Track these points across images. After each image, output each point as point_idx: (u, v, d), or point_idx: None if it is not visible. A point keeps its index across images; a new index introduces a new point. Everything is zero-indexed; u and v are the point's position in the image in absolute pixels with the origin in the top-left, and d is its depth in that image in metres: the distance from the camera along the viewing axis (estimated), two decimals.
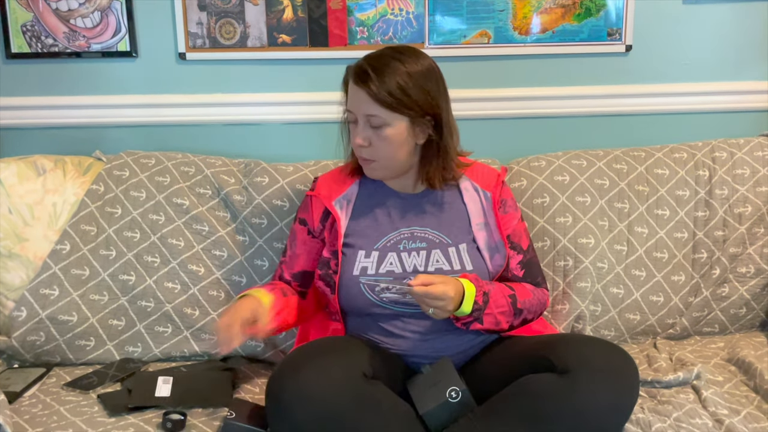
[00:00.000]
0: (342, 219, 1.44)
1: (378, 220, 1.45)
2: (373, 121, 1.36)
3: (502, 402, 1.25)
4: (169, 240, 1.67)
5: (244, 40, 1.83)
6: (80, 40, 1.82)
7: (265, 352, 1.66)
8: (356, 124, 1.38)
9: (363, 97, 1.35)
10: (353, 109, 1.38)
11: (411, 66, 1.36)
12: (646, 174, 1.77)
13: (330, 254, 1.44)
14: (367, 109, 1.35)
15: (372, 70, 1.34)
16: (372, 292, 1.39)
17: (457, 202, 1.47)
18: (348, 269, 1.41)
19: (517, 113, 1.91)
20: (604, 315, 1.70)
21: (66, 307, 1.60)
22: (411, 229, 1.44)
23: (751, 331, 1.77)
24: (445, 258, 1.41)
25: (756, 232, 1.76)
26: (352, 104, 1.38)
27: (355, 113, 1.38)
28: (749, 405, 1.39)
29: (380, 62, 1.36)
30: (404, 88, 1.34)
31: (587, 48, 1.88)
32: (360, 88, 1.35)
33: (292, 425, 1.19)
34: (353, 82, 1.37)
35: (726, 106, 1.94)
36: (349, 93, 1.39)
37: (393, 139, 1.36)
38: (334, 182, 1.50)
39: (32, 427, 1.31)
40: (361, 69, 1.36)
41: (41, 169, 1.70)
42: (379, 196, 1.47)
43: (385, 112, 1.34)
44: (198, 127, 1.88)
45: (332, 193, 1.47)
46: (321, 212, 1.48)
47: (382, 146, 1.37)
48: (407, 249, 1.42)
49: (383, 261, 1.41)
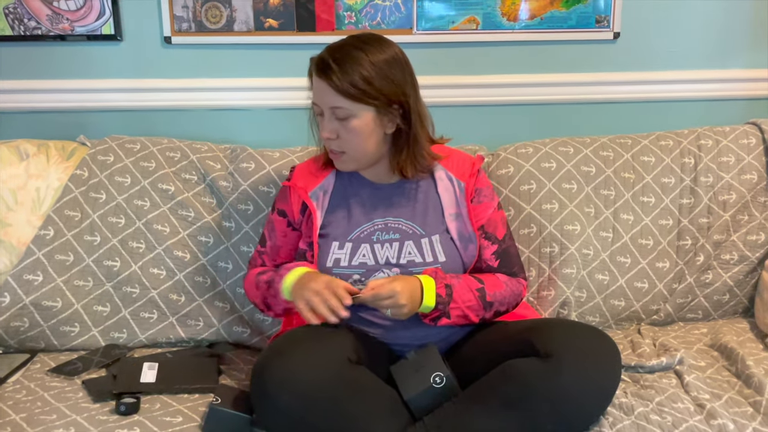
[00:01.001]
0: (318, 211, 1.43)
1: (352, 211, 1.44)
2: (339, 113, 1.33)
3: (486, 386, 1.26)
4: (155, 226, 1.66)
5: (231, 24, 1.82)
6: (64, 23, 1.80)
7: (250, 338, 1.66)
8: (323, 117, 1.36)
9: (326, 90, 1.32)
10: (318, 101, 1.36)
11: (374, 55, 1.32)
12: (632, 161, 1.77)
13: (306, 246, 1.44)
14: (331, 101, 1.33)
15: (333, 61, 1.31)
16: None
17: (431, 192, 1.46)
18: (322, 260, 1.41)
19: (505, 100, 1.91)
20: (590, 301, 1.71)
21: (50, 293, 1.59)
22: (385, 220, 1.43)
23: (734, 317, 1.79)
24: (417, 250, 1.41)
25: (740, 220, 1.77)
26: (316, 97, 1.36)
27: (320, 106, 1.36)
28: (731, 390, 1.40)
29: (342, 53, 1.32)
30: (367, 78, 1.31)
31: (575, 35, 1.88)
32: (322, 80, 1.32)
33: (277, 410, 1.19)
34: (316, 74, 1.34)
35: (712, 94, 1.95)
36: (314, 85, 1.36)
37: (360, 130, 1.34)
38: (310, 173, 1.48)
39: (16, 413, 1.30)
40: (322, 61, 1.33)
41: (24, 154, 1.68)
42: (354, 187, 1.46)
43: (350, 103, 1.32)
44: (184, 112, 1.86)
45: (308, 184, 1.46)
46: (300, 204, 1.47)
47: (350, 138, 1.35)
48: (380, 240, 1.41)
49: (356, 252, 1.40)
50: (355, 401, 1.21)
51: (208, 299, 1.66)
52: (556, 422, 1.24)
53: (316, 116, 1.41)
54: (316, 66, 1.34)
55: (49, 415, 1.29)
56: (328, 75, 1.31)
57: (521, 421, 1.23)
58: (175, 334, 1.64)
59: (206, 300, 1.65)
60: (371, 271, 1.39)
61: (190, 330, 1.64)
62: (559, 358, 1.22)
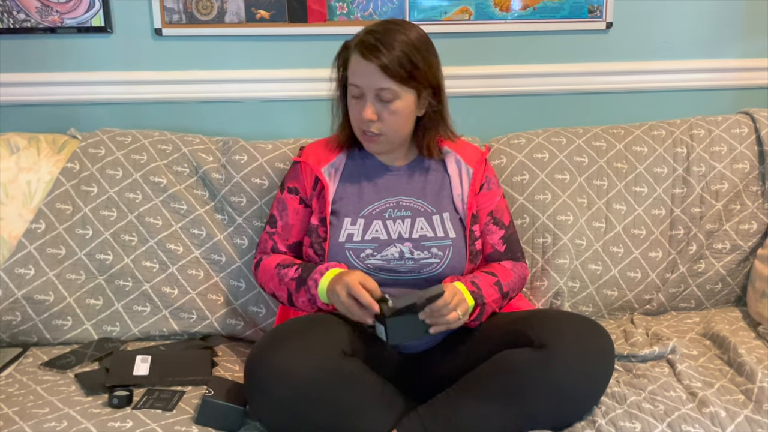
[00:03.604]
0: (330, 186, 1.45)
1: (363, 190, 1.46)
2: (384, 95, 1.35)
3: (480, 377, 1.26)
4: (147, 219, 1.65)
5: (222, 16, 1.80)
6: (53, 15, 1.78)
7: (244, 331, 1.66)
8: (360, 99, 1.37)
9: (373, 71, 1.33)
10: (361, 83, 1.36)
11: (412, 37, 1.35)
12: (624, 151, 1.77)
13: (318, 221, 1.44)
14: (377, 82, 1.34)
15: (380, 43, 1.33)
16: (357, 258, 1.40)
17: (442, 173, 1.49)
18: (335, 236, 1.41)
19: (497, 91, 1.90)
20: (582, 291, 1.72)
21: (42, 287, 1.58)
22: (397, 199, 1.45)
23: (726, 306, 1.80)
24: (429, 225, 1.42)
25: (732, 209, 1.78)
26: (359, 79, 1.36)
27: (362, 88, 1.36)
28: (722, 378, 1.41)
29: (387, 36, 1.34)
30: (414, 62, 1.34)
31: (568, 25, 1.87)
32: (369, 61, 1.33)
33: (271, 402, 1.19)
34: (360, 56, 1.34)
35: (704, 84, 1.95)
36: (355, 67, 1.36)
37: (402, 112, 1.37)
38: (321, 150, 1.50)
39: (8, 406, 1.30)
40: (368, 42, 1.34)
41: (14, 147, 1.67)
42: (367, 168, 1.48)
43: (396, 85, 1.34)
44: (175, 104, 1.85)
45: (320, 160, 1.47)
46: (312, 179, 1.47)
47: (392, 120, 1.37)
48: (392, 217, 1.43)
49: (369, 228, 1.42)
50: (349, 393, 1.22)
51: (201, 292, 1.65)
52: (550, 412, 1.25)
53: (347, 99, 1.40)
54: (362, 48, 1.34)
55: (42, 408, 1.29)
56: (377, 56, 1.32)
57: (515, 411, 1.23)
58: (169, 327, 1.64)
59: (199, 293, 1.65)
60: (384, 246, 1.40)
61: (183, 323, 1.64)
62: (553, 348, 1.22)
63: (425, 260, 1.40)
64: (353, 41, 1.38)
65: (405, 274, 1.40)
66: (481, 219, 1.49)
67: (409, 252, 1.40)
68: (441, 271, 1.41)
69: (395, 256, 1.40)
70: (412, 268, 1.40)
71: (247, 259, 1.66)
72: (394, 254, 1.40)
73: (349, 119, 1.44)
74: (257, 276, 1.51)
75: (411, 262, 1.40)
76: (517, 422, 1.24)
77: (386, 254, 1.40)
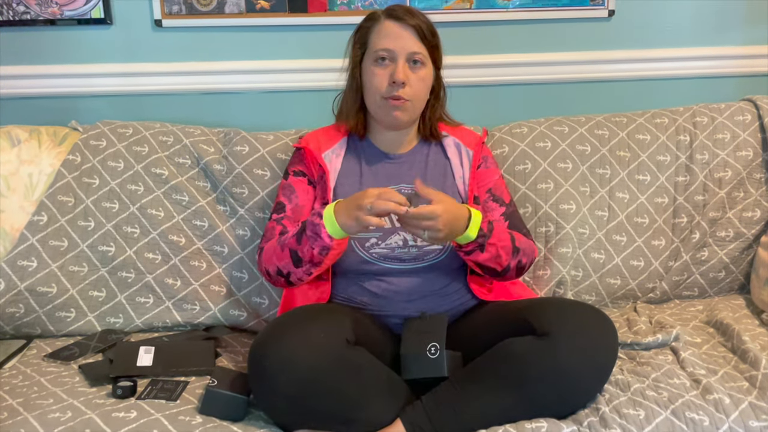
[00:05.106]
0: (331, 172, 1.46)
1: (365, 177, 1.47)
2: (417, 57, 1.40)
3: (483, 365, 1.26)
4: (149, 210, 1.65)
5: (222, 7, 1.80)
6: (53, 7, 1.78)
7: (247, 322, 1.66)
8: (390, 64, 1.40)
9: (408, 35, 1.39)
10: (394, 46, 1.39)
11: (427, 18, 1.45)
12: (627, 139, 1.77)
13: (321, 207, 1.42)
14: (411, 46, 1.39)
15: (410, 11, 1.41)
16: (362, 247, 1.40)
17: (441, 157, 1.51)
18: None
19: (499, 80, 1.90)
20: (585, 280, 1.71)
21: (45, 279, 1.58)
22: (399, 187, 1.46)
23: (729, 294, 1.79)
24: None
25: (735, 197, 1.77)
26: (393, 42, 1.40)
27: (395, 51, 1.39)
28: (726, 365, 1.41)
29: (410, 8, 1.43)
30: (435, 33, 1.43)
31: (570, 13, 1.87)
32: (404, 25, 1.40)
33: (274, 390, 1.19)
34: (395, 21, 1.40)
35: (707, 71, 1.94)
36: (388, 31, 1.40)
37: (427, 81, 1.43)
38: (321, 136, 1.51)
39: (13, 397, 1.30)
40: (401, 8, 1.41)
41: (16, 140, 1.67)
42: (367, 156, 1.49)
43: (425, 50, 1.41)
44: (176, 96, 1.85)
45: (321, 145, 1.49)
46: (316, 164, 1.48)
47: (418, 87, 1.41)
48: None
49: None
50: (353, 382, 1.21)
51: (204, 283, 1.65)
52: (553, 400, 1.24)
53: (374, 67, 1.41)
54: (396, 12, 1.41)
55: (46, 399, 1.29)
56: (413, 19, 1.40)
57: (518, 399, 1.23)
58: (172, 319, 1.64)
59: (202, 284, 1.65)
60: (388, 234, 1.41)
61: (186, 314, 1.64)
62: (556, 336, 1.22)
63: (428, 247, 1.41)
64: (379, 11, 1.44)
65: (409, 262, 1.41)
66: (480, 198, 1.50)
67: (412, 239, 1.41)
68: (443, 258, 1.41)
69: (399, 245, 1.41)
70: (416, 256, 1.41)
71: (249, 250, 1.66)
72: (398, 242, 1.41)
73: (363, 97, 1.45)
74: (260, 263, 1.43)
75: (414, 249, 1.41)
76: (520, 410, 1.23)
77: (390, 243, 1.41)
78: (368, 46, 1.44)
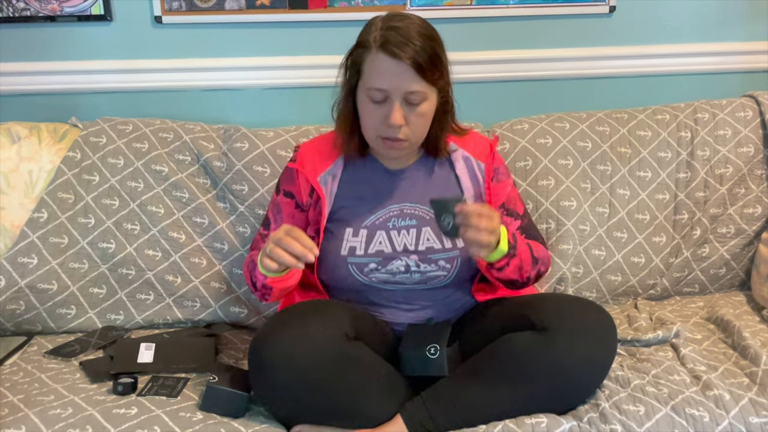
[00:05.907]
0: (327, 197, 1.36)
1: (366, 197, 1.38)
2: (414, 98, 1.23)
3: (483, 360, 1.26)
4: (149, 207, 1.65)
5: (222, 3, 1.79)
6: (53, 4, 1.77)
7: (248, 319, 1.66)
8: (384, 104, 1.25)
9: (405, 73, 1.21)
10: (388, 86, 1.22)
11: (429, 31, 1.25)
12: (628, 136, 1.76)
13: (314, 233, 1.39)
14: (408, 85, 1.22)
15: (408, 39, 1.20)
16: (361, 273, 1.36)
17: (449, 174, 1.41)
18: (335, 248, 1.36)
19: (500, 76, 1.89)
20: (586, 277, 1.71)
21: (45, 276, 1.58)
22: (401, 206, 1.37)
23: (730, 290, 1.79)
24: (435, 236, 1.37)
25: (737, 193, 1.77)
26: (386, 81, 1.22)
27: (388, 91, 1.23)
28: (727, 361, 1.41)
29: (407, 31, 1.21)
30: (438, 54, 1.24)
31: (570, 9, 1.86)
32: (400, 61, 1.20)
33: (275, 386, 1.19)
34: (389, 55, 1.21)
35: (709, 68, 1.93)
36: (381, 68, 1.22)
37: (428, 114, 1.27)
38: (317, 155, 1.40)
39: (13, 394, 1.30)
40: (396, 36, 1.20)
41: (15, 137, 1.67)
42: (367, 172, 1.39)
43: (426, 85, 1.23)
44: (176, 92, 1.84)
45: (317, 167, 1.37)
46: (309, 187, 1.39)
47: (418, 123, 1.26)
48: (396, 227, 1.37)
49: (372, 240, 1.36)
50: (352, 377, 1.22)
51: (205, 280, 1.65)
52: (553, 395, 1.24)
53: (368, 104, 1.26)
54: (389, 45, 1.21)
55: (47, 396, 1.29)
56: (410, 50, 1.20)
57: (518, 394, 1.23)
58: (172, 315, 1.64)
59: (202, 281, 1.65)
60: (388, 259, 1.35)
61: (186, 311, 1.64)
62: (555, 331, 1.22)
63: (432, 273, 1.36)
64: (372, 38, 1.23)
65: (411, 285, 1.37)
66: None
67: (415, 265, 1.35)
68: (449, 283, 1.38)
69: (401, 270, 1.35)
70: (419, 281, 1.37)
71: (249, 246, 1.66)
72: (400, 268, 1.35)
73: (359, 126, 1.32)
74: (244, 271, 1.44)
75: (418, 275, 1.36)
76: (519, 405, 1.24)
77: (391, 268, 1.35)
78: (362, 76, 1.27)
